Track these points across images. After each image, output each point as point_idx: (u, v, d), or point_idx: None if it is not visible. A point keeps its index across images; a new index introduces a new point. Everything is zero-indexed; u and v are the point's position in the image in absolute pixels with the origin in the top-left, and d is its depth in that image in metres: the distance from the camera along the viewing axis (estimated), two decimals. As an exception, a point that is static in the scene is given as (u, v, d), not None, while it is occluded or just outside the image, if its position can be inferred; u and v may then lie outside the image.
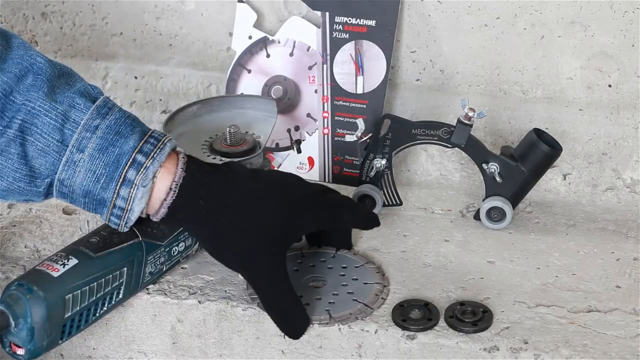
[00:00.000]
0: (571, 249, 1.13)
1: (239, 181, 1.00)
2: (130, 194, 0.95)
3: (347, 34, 1.27)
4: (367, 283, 1.05)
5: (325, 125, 1.29)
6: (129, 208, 0.96)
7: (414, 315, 1.00)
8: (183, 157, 0.98)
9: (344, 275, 1.07)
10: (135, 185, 0.95)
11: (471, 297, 1.03)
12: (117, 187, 0.95)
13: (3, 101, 0.93)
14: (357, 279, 1.06)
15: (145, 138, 0.96)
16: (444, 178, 1.28)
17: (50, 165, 0.94)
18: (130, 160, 0.95)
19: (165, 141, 0.97)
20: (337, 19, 1.27)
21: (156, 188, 0.96)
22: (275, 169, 1.26)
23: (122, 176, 0.95)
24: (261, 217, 0.99)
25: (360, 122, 1.18)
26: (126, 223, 0.97)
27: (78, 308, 0.95)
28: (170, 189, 0.96)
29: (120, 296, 1.00)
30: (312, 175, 1.29)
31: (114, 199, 0.95)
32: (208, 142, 1.14)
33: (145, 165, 0.95)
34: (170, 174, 0.97)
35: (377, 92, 1.26)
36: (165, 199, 0.97)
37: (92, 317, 0.98)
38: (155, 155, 0.96)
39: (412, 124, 1.18)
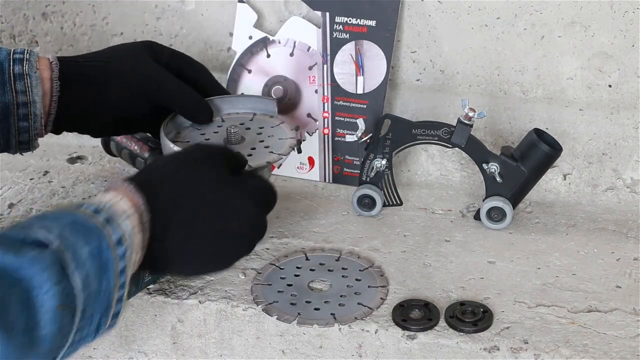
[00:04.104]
0: (571, 249, 1.13)
1: None
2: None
3: (348, 34, 1.27)
4: (371, 286, 1.05)
5: (326, 125, 1.29)
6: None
7: (414, 315, 1.01)
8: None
9: (346, 277, 1.07)
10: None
11: (471, 297, 1.04)
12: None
13: None
14: (360, 280, 1.06)
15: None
16: (444, 178, 1.28)
17: None
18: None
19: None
20: (338, 19, 1.27)
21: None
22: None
23: None
24: None
25: (361, 122, 1.18)
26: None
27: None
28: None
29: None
30: (312, 175, 1.29)
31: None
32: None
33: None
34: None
35: (377, 92, 1.26)
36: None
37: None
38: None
39: (412, 124, 1.18)
